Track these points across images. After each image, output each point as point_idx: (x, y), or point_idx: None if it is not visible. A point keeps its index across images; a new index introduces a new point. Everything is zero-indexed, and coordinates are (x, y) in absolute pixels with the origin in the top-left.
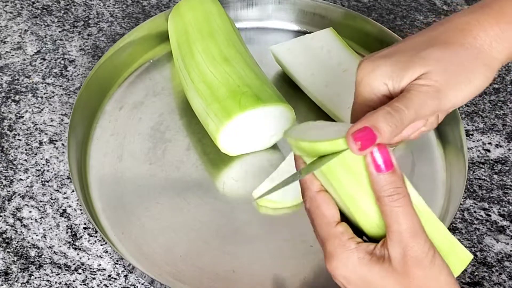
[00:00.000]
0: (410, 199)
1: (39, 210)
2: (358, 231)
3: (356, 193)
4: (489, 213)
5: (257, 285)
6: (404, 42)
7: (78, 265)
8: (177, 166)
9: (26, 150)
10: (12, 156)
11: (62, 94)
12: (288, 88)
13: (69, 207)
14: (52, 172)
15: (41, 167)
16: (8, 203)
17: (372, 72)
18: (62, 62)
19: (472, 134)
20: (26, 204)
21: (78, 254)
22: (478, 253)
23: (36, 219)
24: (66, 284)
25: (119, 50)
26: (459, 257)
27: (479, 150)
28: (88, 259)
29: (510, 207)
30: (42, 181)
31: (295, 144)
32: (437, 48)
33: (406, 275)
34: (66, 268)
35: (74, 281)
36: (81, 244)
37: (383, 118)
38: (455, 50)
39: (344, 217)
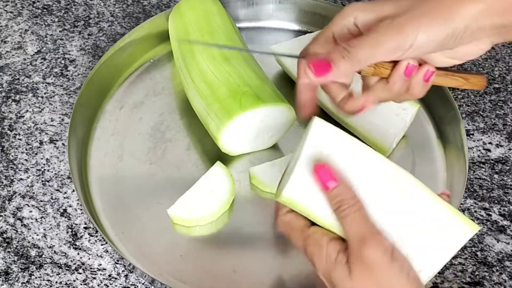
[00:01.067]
0: (359, 206)
1: (40, 209)
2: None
3: (317, 212)
4: (490, 212)
5: (257, 285)
6: None
7: (78, 264)
8: (177, 166)
9: (26, 149)
10: (12, 156)
11: (62, 94)
12: (289, 88)
13: (70, 206)
14: (52, 171)
15: (42, 167)
16: (9, 203)
17: (353, 4)
18: (63, 61)
19: (473, 134)
20: (26, 204)
21: (78, 253)
22: (478, 253)
23: (36, 219)
24: (66, 283)
25: (120, 50)
26: (465, 227)
27: (479, 150)
28: (89, 258)
29: (511, 207)
30: (42, 181)
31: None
32: None
33: (362, 279)
34: (66, 268)
35: (74, 280)
36: (81, 243)
37: (339, 52)
38: None
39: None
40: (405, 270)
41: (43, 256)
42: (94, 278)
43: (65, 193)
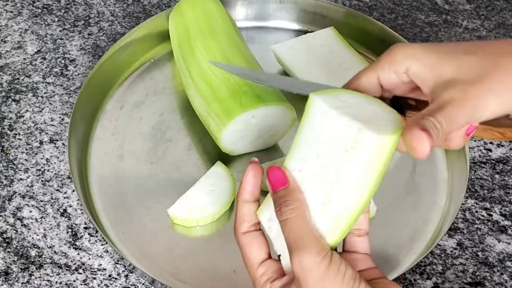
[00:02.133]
0: (302, 210)
1: (40, 209)
2: None
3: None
4: (491, 213)
5: None
6: (447, 43)
7: (78, 265)
8: (178, 166)
9: (26, 149)
10: (12, 156)
11: (62, 94)
12: None
13: (70, 206)
14: (52, 171)
15: (42, 167)
16: (9, 203)
17: (405, 47)
18: (63, 61)
19: None
20: (26, 204)
21: (78, 254)
22: (479, 253)
23: (36, 219)
24: (66, 284)
25: (120, 50)
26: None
27: (480, 150)
28: (89, 259)
29: None
30: (42, 181)
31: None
32: (477, 56)
33: (305, 286)
34: (66, 268)
35: (74, 281)
36: (81, 244)
37: (432, 126)
38: (495, 60)
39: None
40: (341, 272)
41: (43, 256)
42: (94, 278)
43: (65, 193)
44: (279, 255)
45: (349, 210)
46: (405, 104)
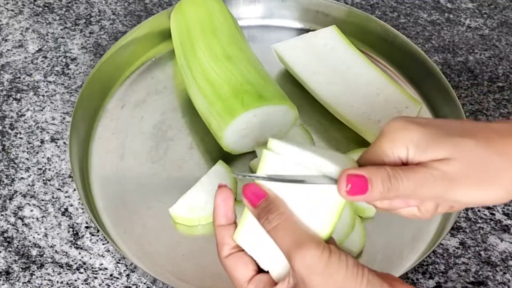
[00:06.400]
0: (287, 215)
1: (41, 209)
2: None
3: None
4: (493, 212)
5: None
6: (444, 120)
7: (80, 264)
8: (179, 165)
9: (27, 148)
10: (13, 155)
11: (63, 93)
12: (291, 86)
13: (71, 206)
14: (53, 170)
15: (43, 166)
16: (10, 202)
17: (401, 130)
18: (64, 60)
19: None
20: (27, 203)
21: (79, 253)
22: (482, 252)
23: (37, 218)
24: (67, 283)
25: (121, 48)
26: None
27: None
28: (90, 258)
29: None
30: (43, 180)
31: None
32: (474, 141)
33: (311, 285)
34: (67, 268)
35: (75, 280)
36: (82, 243)
37: (381, 177)
38: (489, 153)
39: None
40: (343, 260)
41: (44, 255)
42: (96, 277)
43: (66, 192)
44: (267, 271)
45: (336, 205)
46: None
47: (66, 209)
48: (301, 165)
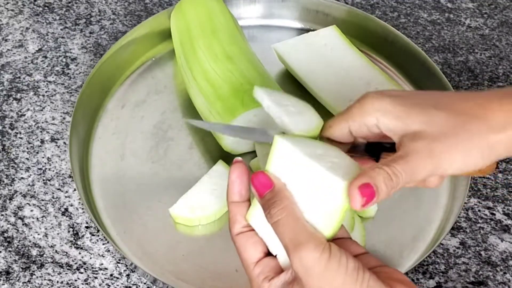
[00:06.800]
0: (291, 208)
1: (41, 209)
2: None
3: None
4: (494, 212)
5: None
6: (418, 92)
7: (80, 264)
8: (179, 165)
9: (27, 148)
10: (13, 155)
11: (63, 92)
12: (291, 86)
13: (71, 206)
14: (53, 170)
15: (43, 166)
16: (10, 202)
17: (372, 99)
18: (64, 60)
19: None
20: (27, 203)
21: (80, 253)
22: (482, 252)
23: (37, 218)
24: (68, 283)
25: (121, 48)
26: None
27: None
28: (90, 258)
29: None
30: (43, 180)
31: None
32: (445, 113)
33: (307, 285)
34: (68, 267)
35: (76, 280)
36: (83, 243)
37: (383, 178)
38: (463, 120)
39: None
40: (342, 264)
41: (44, 255)
42: (96, 277)
43: (67, 192)
44: (275, 255)
45: (342, 203)
46: (379, 147)
47: (66, 209)
48: (308, 168)
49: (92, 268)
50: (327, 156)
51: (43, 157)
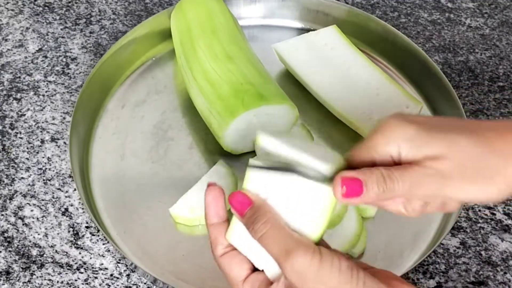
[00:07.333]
0: (273, 220)
1: (41, 209)
2: None
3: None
4: (494, 212)
5: None
6: (439, 118)
7: (80, 264)
8: (179, 165)
9: (27, 148)
10: (13, 155)
11: (64, 92)
12: (292, 86)
13: (71, 205)
14: (54, 170)
15: (43, 166)
16: (10, 202)
17: (395, 127)
18: (64, 60)
19: None
20: (27, 203)
21: (80, 253)
22: (483, 252)
23: (37, 218)
24: (68, 283)
25: (121, 48)
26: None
27: None
28: (90, 258)
29: None
30: (43, 180)
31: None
32: (467, 139)
33: None
34: (68, 267)
35: (76, 280)
36: (83, 243)
37: (376, 179)
38: (483, 151)
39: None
40: (335, 265)
41: (45, 255)
42: (96, 277)
43: (67, 192)
44: (262, 270)
45: (326, 206)
46: None
47: (66, 209)
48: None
49: (92, 268)
50: (309, 149)
51: (43, 157)
